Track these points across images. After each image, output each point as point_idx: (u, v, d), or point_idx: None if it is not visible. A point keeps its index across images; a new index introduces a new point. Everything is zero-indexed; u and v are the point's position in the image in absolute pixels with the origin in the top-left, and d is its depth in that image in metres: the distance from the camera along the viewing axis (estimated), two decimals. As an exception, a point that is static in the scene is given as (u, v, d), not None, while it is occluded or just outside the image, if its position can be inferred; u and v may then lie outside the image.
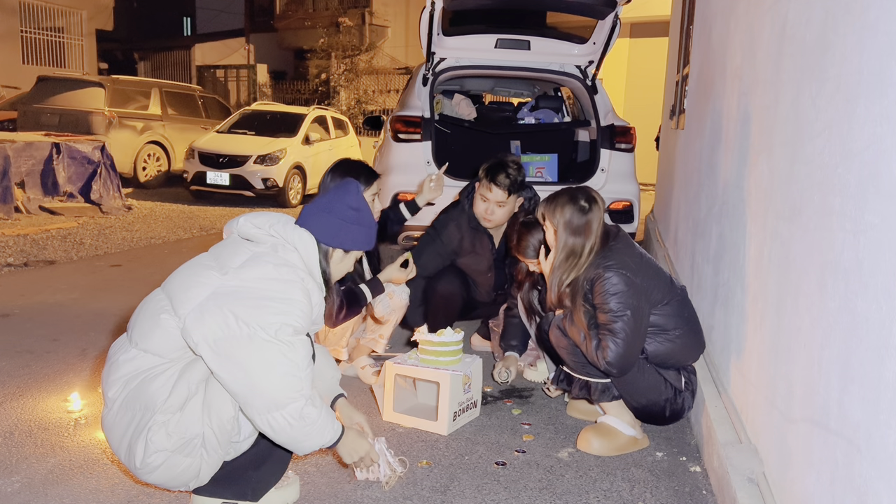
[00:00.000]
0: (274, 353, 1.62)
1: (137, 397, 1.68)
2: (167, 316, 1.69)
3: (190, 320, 1.64)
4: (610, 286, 2.23)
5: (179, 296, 1.70)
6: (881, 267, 1.18)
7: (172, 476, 1.69)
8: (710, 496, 2.10)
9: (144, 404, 1.67)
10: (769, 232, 1.93)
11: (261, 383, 1.62)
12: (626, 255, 2.31)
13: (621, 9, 4.50)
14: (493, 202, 3.23)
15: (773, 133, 1.97)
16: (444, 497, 2.03)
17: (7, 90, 12.69)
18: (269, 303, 1.64)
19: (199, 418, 1.67)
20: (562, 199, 2.36)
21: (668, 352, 2.35)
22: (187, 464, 1.68)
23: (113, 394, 1.71)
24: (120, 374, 1.71)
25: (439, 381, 2.47)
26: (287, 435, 1.67)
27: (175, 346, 1.69)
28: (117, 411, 1.70)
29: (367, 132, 14.29)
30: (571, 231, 2.30)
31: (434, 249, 3.36)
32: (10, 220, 6.83)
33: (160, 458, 1.65)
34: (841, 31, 1.45)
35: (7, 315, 3.78)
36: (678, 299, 2.38)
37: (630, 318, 2.21)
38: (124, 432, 1.68)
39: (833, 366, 1.37)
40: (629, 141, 4.57)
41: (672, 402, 2.36)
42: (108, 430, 1.74)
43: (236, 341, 1.61)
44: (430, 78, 4.77)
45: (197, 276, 1.71)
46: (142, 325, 1.73)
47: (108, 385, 1.73)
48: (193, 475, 1.71)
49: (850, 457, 1.26)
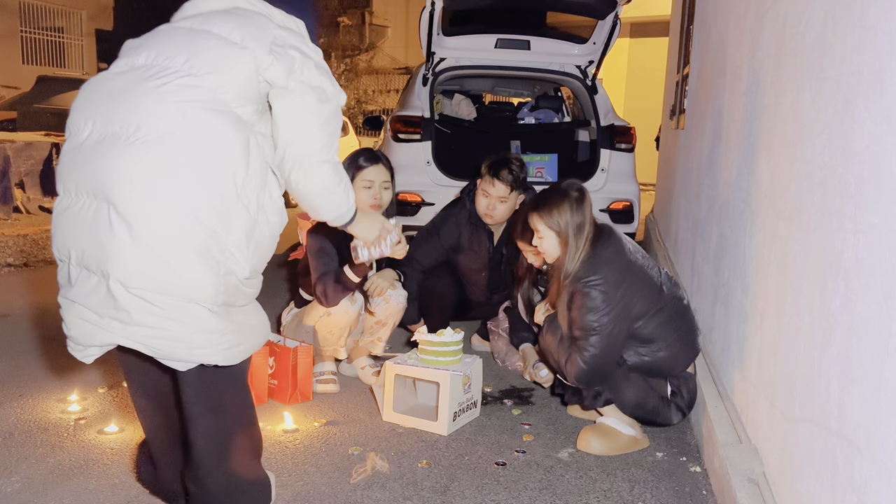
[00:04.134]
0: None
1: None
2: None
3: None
4: (588, 301, 2.22)
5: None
6: (881, 267, 1.18)
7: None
8: (710, 496, 2.10)
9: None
10: (769, 232, 1.93)
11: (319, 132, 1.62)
12: (611, 266, 2.26)
13: (621, 9, 4.51)
14: (495, 197, 3.24)
15: (773, 133, 1.97)
16: (444, 497, 2.03)
17: (7, 90, 12.68)
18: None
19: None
20: (553, 200, 2.34)
21: (650, 365, 2.33)
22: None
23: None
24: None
25: (439, 381, 2.47)
26: (332, 183, 1.67)
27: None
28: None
29: (367, 132, 14.30)
30: (575, 224, 2.30)
31: (431, 244, 3.37)
32: (9, 220, 6.84)
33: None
34: (841, 31, 1.45)
35: (7, 315, 3.78)
36: (667, 310, 2.32)
37: (602, 337, 2.22)
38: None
39: (833, 366, 1.37)
40: (629, 141, 4.58)
41: (660, 411, 2.36)
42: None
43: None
44: (430, 78, 4.78)
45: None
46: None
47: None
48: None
49: (850, 457, 1.26)
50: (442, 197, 4.19)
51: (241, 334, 1.62)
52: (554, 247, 2.35)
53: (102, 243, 1.45)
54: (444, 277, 3.39)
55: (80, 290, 1.51)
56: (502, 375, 3.09)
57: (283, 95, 1.58)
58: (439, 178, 4.38)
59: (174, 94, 1.49)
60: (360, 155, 2.95)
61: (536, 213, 2.36)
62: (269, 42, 1.58)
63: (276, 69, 1.56)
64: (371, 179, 2.87)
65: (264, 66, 1.56)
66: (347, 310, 2.78)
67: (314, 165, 1.62)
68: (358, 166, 2.90)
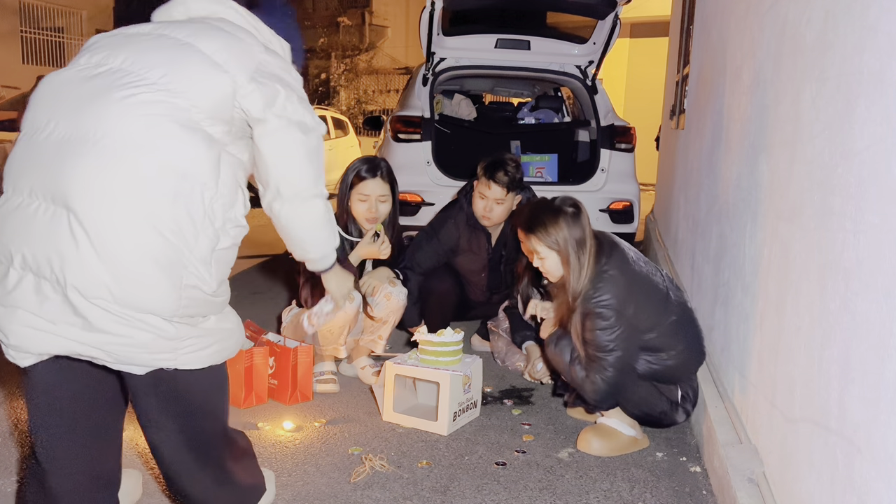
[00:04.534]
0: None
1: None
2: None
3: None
4: (601, 321, 2.21)
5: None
6: (881, 267, 1.18)
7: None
8: (710, 496, 2.10)
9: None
10: (769, 232, 1.93)
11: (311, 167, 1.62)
12: (618, 281, 2.22)
13: (621, 9, 4.51)
14: (491, 199, 3.24)
15: (773, 133, 1.97)
16: (444, 497, 2.03)
17: (7, 90, 12.68)
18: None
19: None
20: (546, 217, 2.28)
21: (660, 373, 2.32)
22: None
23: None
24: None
25: (439, 381, 2.47)
26: (323, 219, 1.67)
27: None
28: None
29: (367, 132, 14.31)
30: (574, 242, 2.25)
31: (430, 247, 3.37)
32: (9, 220, 6.82)
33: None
34: (841, 31, 1.45)
35: (7, 315, 3.78)
36: (674, 317, 2.29)
37: (619, 354, 2.21)
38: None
39: (833, 366, 1.37)
40: (629, 141, 4.58)
41: (668, 414, 2.35)
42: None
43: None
44: (430, 78, 4.78)
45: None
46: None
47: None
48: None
49: (850, 457, 1.26)
50: (442, 197, 4.19)
51: (209, 338, 1.54)
52: (557, 266, 2.30)
53: (60, 250, 1.37)
54: (445, 278, 3.39)
55: (26, 296, 1.40)
56: (502, 375, 3.09)
57: (267, 133, 1.54)
58: (439, 178, 4.38)
59: (145, 106, 1.42)
60: (363, 164, 2.97)
61: (534, 235, 2.29)
62: (252, 68, 1.53)
63: (253, 99, 1.52)
64: (367, 193, 2.91)
65: (243, 93, 1.51)
66: (346, 309, 2.78)
67: (307, 200, 1.62)
68: (358, 176, 2.92)
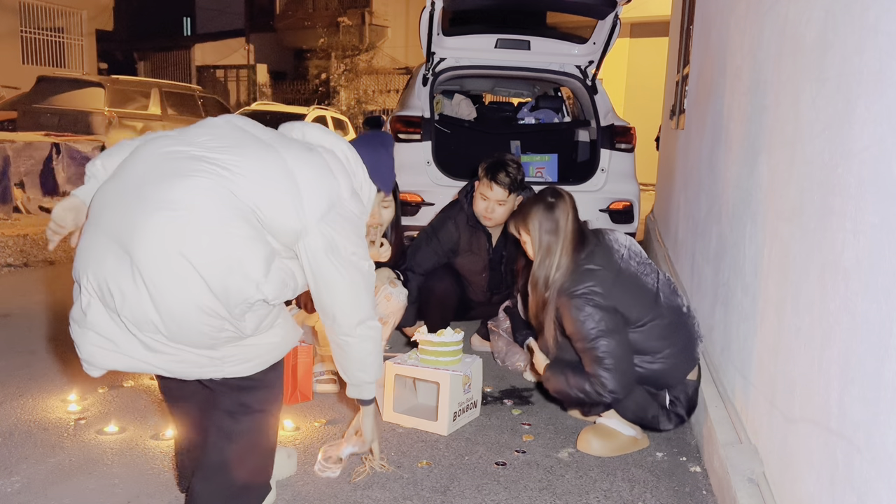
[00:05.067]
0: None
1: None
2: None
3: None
4: (578, 312, 2.19)
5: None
6: (881, 267, 1.18)
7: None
8: (710, 496, 2.10)
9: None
10: (769, 232, 1.93)
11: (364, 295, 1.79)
12: (598, 275, 2.21)
13: (621, 9, 4.51)
14: (493, 201, 3.24)
15: (773, 133, 1.97)
16: (444, 497, 2.03)
17: (7, 90, 12.68)
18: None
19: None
20: (528, 203, 2.37)
21: (645, 377, 2.29)
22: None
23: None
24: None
25: (439, 381, 2.47)
26: (380, 349, 1.88)
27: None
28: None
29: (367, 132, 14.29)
30: (546, 229, 2.28)
31: (430, 248, 3.37)
32: (9, 221, 6.83)
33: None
34: (841, 31, 1.45)
35: (7, 315, 3.78)
36: (663, 319, 2.26)
37: (609, 339, 2.17)
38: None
39: (833, 366, 1.37)
40: (629, 141, 4.57)
41: (659, 418, 2.34)
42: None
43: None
44: (430, 78, 4.77)
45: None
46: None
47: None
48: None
49: (850, 457, 1.26)
50: (442, 197, 4.19)
51: (252, 351, 1.69)
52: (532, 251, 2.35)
53: (122, 288, 1.51)
54: (445, 278, 3.39)
55: (96, 320, 1.58)
56: (502, 375, 3.09)
57: (332, 277, 1.70)
58: (439, 178, 4.38)
59: (226, 199, 1.54)
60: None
61: (512, 218, 2.39)
62: (326, 206, 1.67)
63: (317, 242, 1.66)
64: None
65: (309, 237, 1.65)
66: None
67: (369, 328, 1.81)
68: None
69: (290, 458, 2.12)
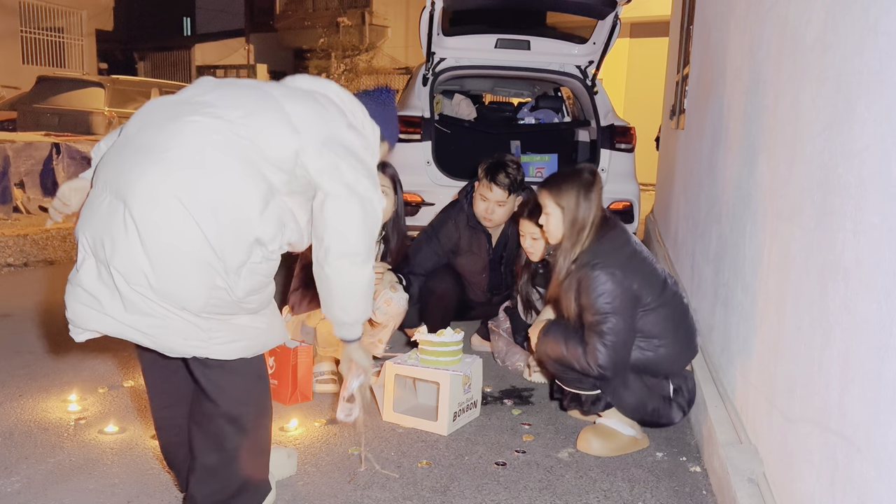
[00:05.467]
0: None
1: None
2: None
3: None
4: (598, 284, 2.20)
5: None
6: (881, 267, 1.18)
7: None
8: (710, 496, 2.10)
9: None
10: (769, 232, 1.93)
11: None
12: (617, 254, 2.27)
13: (621, 9, 4.51)
14: (493, 202, 3.24)
15: (773, 133, 1.97)
16: (444, 497, 2.03)
17: (7, 90, 12.68)
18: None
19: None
20: (563, 177, 2.36)
21: (651, 361, 2.31)
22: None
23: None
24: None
25: (439, 381, 2.47)
26: (366, 287, 1.75)
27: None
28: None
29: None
30: (582, 205, 2.29)
31: (430, 248, 3.37)
32: (9, 221, 6.83)
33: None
34: (841, 31, 1.45)
35: (7, 315, 3.78)
36: (669, 306, 2.31)
37: (619, 318, 2.19)
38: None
39: (833, 366, 1.37)
40: (629, 141, 4.57)
41: (661, 411, 2.34)
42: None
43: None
44: (430, 78, 4.77)
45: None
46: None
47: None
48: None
49: (850, 457, 1.26)
50: (442, 197, 4.19)
51: (238, 333, 1.65)
52: (558, 226, 2.33)
53: (113, 236, 1.51)
54: (445, 278, 3.39)
55: (86, 277, 1.58)
56: (502, 375, 3.09)
57: (329, 197, 1.64)
58: (439, 178, 4.38)
59: (216, 135, 1.55)
60: None
61: (545, 189, 2.37)
62: (326, 136, 1.65)
63: (316, 163, 1.63)
64: None
65: (307, 154, 1.62)
66: None
67: (356, 264, 1.70)
68: None
69: (290, 458, 2.12)
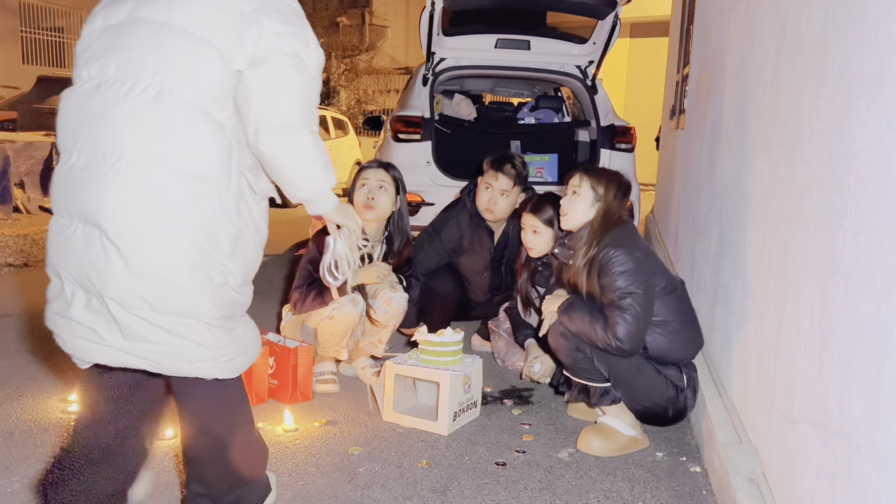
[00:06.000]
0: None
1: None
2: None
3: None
4: (619, 264, 2.29)
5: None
6: (881, 267, 1.18)
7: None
8: (710, 496, 2.10)
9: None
10: (769, 232, 1.93)
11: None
12: (635, 242, 2.39)
13: (621, 9, 4.51)
14: (497, 190, 3.26)
15: (773, 133, 1.97)
16: (444, 497, 2.03)
17: (7, 90, 12.68)
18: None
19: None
20: (608, 171, 2.51)
21: (667, 345, 2.35)
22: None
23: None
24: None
25: (439, 381, 2.47)
26: (313, 152, 1.58)
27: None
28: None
29: (367, 132, 14.30)
30: (617, 198, 2.42)
31: (432, 248, 3.38)
32: (9, 221, 6.84)
33: None
34: (841, 31, 1.45)
35: (7, 315, 3.78)
36: (678, 292, 2.42)
37: (640, 294, 2.27)
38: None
39: (833, 366, 1.37)
40: (629, 141, 4.58)
41: (674, 402, 2.36)
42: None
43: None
44: (430, 78, 4.77)
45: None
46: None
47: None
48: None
49: (850, 457, 1.26)
50: (442, 197, 4.19)
51: (239, 347, 1.63)
52: (585, 208, 2.41)
53: (96, 265, 1.45)
54: (447, 278, 3.39)
55: (78, 310, 1.51)
56: (502, 375, 3.09)
57: (255, 65, 1.48)
58: (439, 178, 4.38)
59: (150, 112, 1.44)
60: (369, 161, 3.14)
61: (586, 174, 2.46)
62: (237, 21, 1.47)
63: (242, 56, 1.47)
64: (366, 178, 2.96)
65: (230, 54, 1.46)
66: (350, 313, 2.78)
67: (291, 134, 1.53)
68: (360, 167, 3.00)
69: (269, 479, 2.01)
